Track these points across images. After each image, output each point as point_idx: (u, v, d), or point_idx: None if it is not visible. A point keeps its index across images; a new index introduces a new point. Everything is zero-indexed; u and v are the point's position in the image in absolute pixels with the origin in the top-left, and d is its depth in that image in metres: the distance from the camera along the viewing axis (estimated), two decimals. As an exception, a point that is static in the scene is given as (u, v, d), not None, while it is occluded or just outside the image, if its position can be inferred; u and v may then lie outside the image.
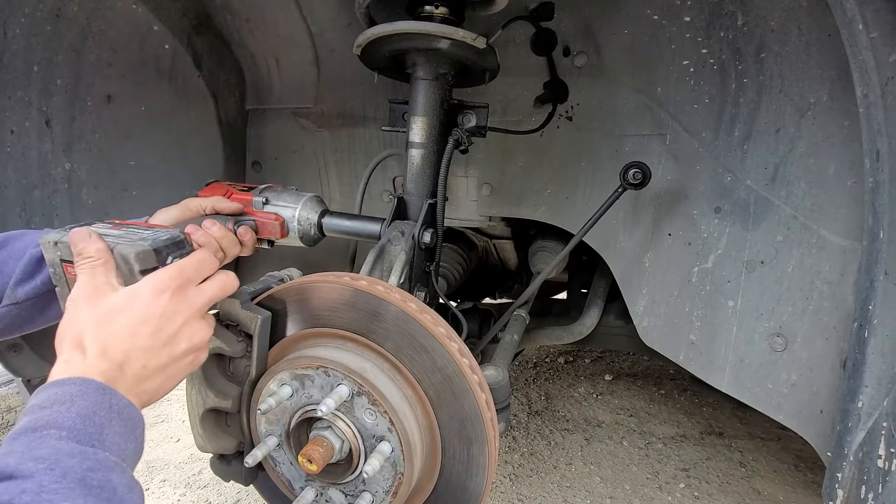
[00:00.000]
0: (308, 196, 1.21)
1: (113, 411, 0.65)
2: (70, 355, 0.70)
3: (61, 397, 0.63)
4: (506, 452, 2.49)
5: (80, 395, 0.63)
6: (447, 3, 1.22)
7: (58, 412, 0.61)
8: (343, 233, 1.27)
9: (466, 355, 0.92)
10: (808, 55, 1.17)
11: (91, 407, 0.63)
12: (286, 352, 0.99)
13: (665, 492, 2.23)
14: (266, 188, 1.22)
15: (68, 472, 0.55)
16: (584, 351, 3.73)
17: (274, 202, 1.17)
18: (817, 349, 1.20)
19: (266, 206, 1.17)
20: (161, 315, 0.75)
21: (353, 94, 1.73)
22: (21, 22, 1.28)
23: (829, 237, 1.18)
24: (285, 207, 1.17)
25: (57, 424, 0.60)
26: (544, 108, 1.53)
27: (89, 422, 0.62)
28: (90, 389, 0.65)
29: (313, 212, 1.17)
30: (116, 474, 0.60)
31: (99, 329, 0.71)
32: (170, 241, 0.82)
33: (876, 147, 0.91)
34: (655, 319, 1.46)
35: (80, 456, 0.58)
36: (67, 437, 0.59)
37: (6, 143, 1.32)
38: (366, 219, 1.27)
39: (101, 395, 0.65)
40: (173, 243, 0.83)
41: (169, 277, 0.77)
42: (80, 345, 0.70)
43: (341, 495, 0.95)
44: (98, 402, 0.64)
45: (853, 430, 0.97)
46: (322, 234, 1.27)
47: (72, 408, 0.62)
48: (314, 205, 1.21)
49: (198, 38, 1.65)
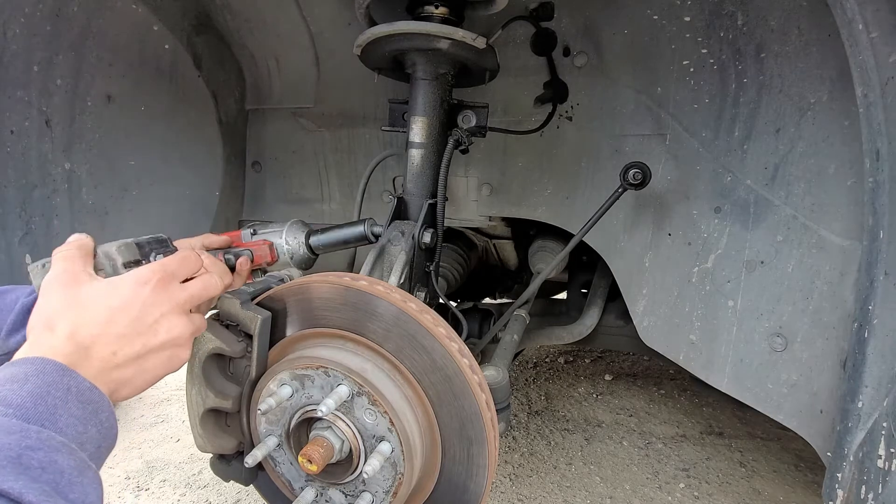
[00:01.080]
0: (292, 221, 1.26)
1: (70, 393, 0.64)
2: (37, 336, 0.69)
3: (17, 375, 0.61)
4: (506, 452, 2.49)
5: (35, 374, 0.62)
6: (447, 3, 1.22)
7: (10, 390, 0.59)
8: (333, 245, 1.30)
9: (466, 355, 0.92)
10: (808, 55, 1.17)
11: (45, 387, 0.62)
12: (286, 352, 0.99)
13: (665, 492, 2.23)
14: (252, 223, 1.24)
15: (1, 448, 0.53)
16: (584, 351, 3.73)
17: (261, 231, 1.22)
18: (817, 349, 1.20)
19: (254, 237, 1.20)
20: (140, 304, 0.74)
21: (353, 94, 1.73)
22: (21, 22, 1.28)
23: (829, 237, 1.18)
24: (272, 233, 1.21)
25: (5, 402, 0.58)
26: (544, 108, 1.53)
27: (41, 401, 0.60)
28: (49, 369, 0.63)
29: (300, 232, 1.21)
30: (63, 455, 0.58)
31: (71, 312, 0.70)
32: (153, 238, 0.84)
33: (876, 147, 0.91)
34: (655, 319, 1.46)
35: (19, 434, 0.56)
36: (13, 415, 0.58)
37: (6, 143, 1.32)
38: (347, 225, 1.29)
39: (59, 376, 0.64)
40: (156, 241, 0.84)
41: (151, 271, 0.77)
42: (50, 327, 0.69)
43: (341, 495, 0.95)
44: (55, 382, 0.63)
45: (853, 430, 0.97)
46: (314, 254, 1.30)
47: (24, 386, 0.60)
48: (299, 227, 1.24)
49: (198, 38, 1.65)
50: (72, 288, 0.73)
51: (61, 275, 0.74)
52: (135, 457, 2.48)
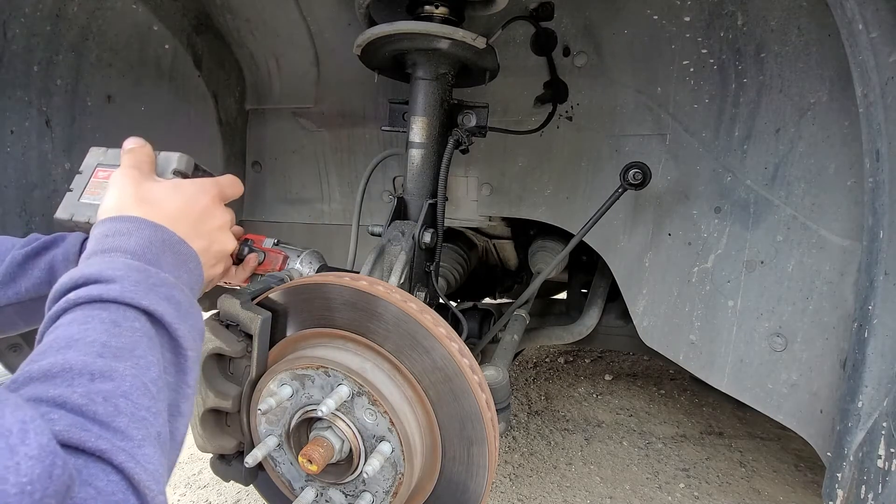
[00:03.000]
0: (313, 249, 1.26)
1: (166, 244, 0.72)
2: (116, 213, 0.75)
3: (121, 230, 0.70)
4: (506, 452, 2.49)
5: (136, 229, 0.71)
6: (447, 3, 1.22)
7: (120, 240, 0.69)
8: None
9: (466, 355, 0.92)
10: (808, 55, 1.17)
11: (147, 238, 0.70)
12: (286, 352, 0.99)
13: (665, 492, 2.23)
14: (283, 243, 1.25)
15: (140, 281, 0.63)
16: (584, 351, 3.73)
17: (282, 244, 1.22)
18: (817, 349, 1.20)
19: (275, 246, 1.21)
20: (201, 211, 0.83)
21: (353, 94, 1.73)
22: (21, 22, 1.28)
23: (829, 237, 1.18)
24: (291, 250, 1.21)
25: (122, 249, 0.68)
26: (544, 108, 1.53)
27: (147, 250, 0.69)
28: (144, 225, 0.72)
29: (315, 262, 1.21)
30: (177, 291, 0.67)
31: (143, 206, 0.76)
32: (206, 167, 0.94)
33: (876, 147, 0.91)
34: (655, 319, 1.46)
35: (145, 272, 0.65)
36: (132, 258, 0.67)
37: (6, 143, 1.32)
38: None
39: (153, 230, 0.72)
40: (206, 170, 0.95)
41: (211, 184, 0.86)
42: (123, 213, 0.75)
43: (341, 495, 0.95)
44: (152, 234, 0.71)
45: (853, 430, 0.97)
46: None
47: (131, 238, 0.69)
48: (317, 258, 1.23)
49: (198, 38, 1.65)
50: (140, 186, 0.79)
51: (129, 171, 0.81)
52: (135, 457, 2.47)
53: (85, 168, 0.95)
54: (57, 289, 0.62)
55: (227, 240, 0.88)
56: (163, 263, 0.70)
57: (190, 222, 0.80)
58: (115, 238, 0.69)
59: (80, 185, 0.94)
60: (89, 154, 0.95)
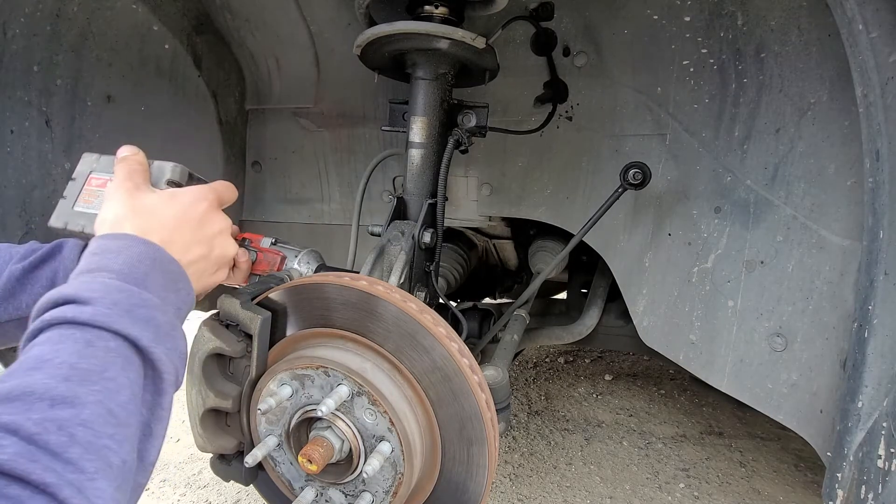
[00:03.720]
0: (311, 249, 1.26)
1: (156, 263, 0.72)
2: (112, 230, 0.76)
3: (110, 248, 0.71)
4: (506, 452, 2.49)
5: (125, 247, 0.71)
6: (447, 3, 1.22)
7: (108, 258, 0.69)
8: None
9: (466, 355, 0.92)
10: (808, 55, 1.17)
11: (136, 256, 0.70)
12: (286, 352, 0.99)
13: (665, 492, 2.23)
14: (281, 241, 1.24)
15: (118, 302, 0.63)
16: (584, 351, 3.73)
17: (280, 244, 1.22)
18: (817, 349, 1.20)
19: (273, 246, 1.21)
20: (200, 218, 0.82)
21: (353, 94, 1.73)
22: (21, 22, 1.28)
23: (829, 237, 1.18)
24: (289, 250, 1.21)
25: (108, 268, 0.67)
26: (544, 108, 1.53)
27: (134, 269, 0.69)
28: (135, 243, 0.72)
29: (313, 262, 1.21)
30: (159, 313, 0.67)
31: (138, 218, 0.77)
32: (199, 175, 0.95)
33: (876, 147, 0.91)
34: (655, 319, 1.46)
35: (126, 293, 0.65)
36: (115, 278, 0.67)
37: (6, 143, 1.32)
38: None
39: (145, 247, 0.72)
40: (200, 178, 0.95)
41: (207, 190, 0.86)
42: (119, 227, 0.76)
43: (341, 495, 0.95)
44: (142, 252, 0.71)
45: (853, 430, 0.97)
46: None
47: (119, 257, 0.69)
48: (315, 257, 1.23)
49: (198, 38, 1.65)
50: (136, 198, 0.79)
51: (125, 182, 0.81)
52: (135, 457, 2.47)
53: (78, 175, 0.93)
54: (38, 306, 0.63)
55: (228, 244, 0.88)
56: (149, 283, 0.69)
57: (189, 230, 0.80)
58: (102, 256, 0.69)
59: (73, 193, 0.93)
60: (82, 160, 0.95)
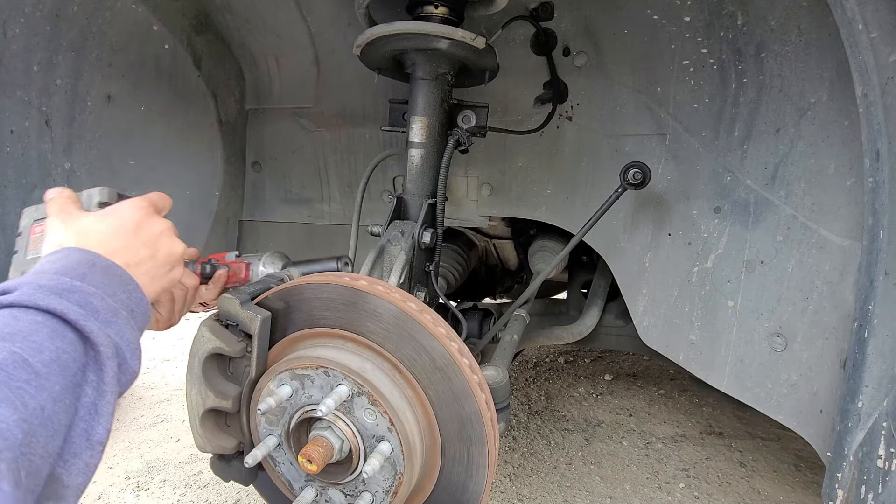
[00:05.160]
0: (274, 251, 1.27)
1: (96, 267, 0.73)
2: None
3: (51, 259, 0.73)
4: (506, 452, 2.49)
5: (64, 256, 0.73)
6: (447, 3, 1.22)
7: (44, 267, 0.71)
8: None
9: (466, 355, 0.92)
10: (808, 55, 1.17)
11: (74, 262, 0.72)
12: (286, 352, 0.99)
13: (665, 492, 2.23)
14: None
15: (45, 286, 0.65)
16: (584, 351, 3.73)
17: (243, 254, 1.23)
18: (817, 349, 1.20)
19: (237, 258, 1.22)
20: (137, 223, 0.83)
21: (353, 93, 1.73)
22: (21, 22, 1.27)
23: (829, 237, 1.18)
24: (252, 257, 1.23)
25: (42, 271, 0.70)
26: (544, 108, 1.53)
27: (72, 270, 0.70)
28: (72, 251, 0.74)
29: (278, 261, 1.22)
30: (97, 299, 0.68)
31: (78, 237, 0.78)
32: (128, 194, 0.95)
33: (876, 147, 0.91)
34: (655, 319, 1.46)
35: (56, 280, 0.67)
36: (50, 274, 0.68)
37: (6, 143, 1.31)
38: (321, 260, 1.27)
39: (83, 255, 0.74)
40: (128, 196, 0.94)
41: (140, 199, 0.87)
42: None
43: (341, 495, 0.95)
44: (80, 258, 0.73)
45: (853, 430, 0.97)
46: None
47: (56, 263, 0.71)
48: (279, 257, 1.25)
49: (198, 38, 1.65)
50: (71, 222, 0.81)
51: (59, 213, 0.83)
52: (135, 457, 2.48)
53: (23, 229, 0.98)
54: None
55: (173, 243, 0.88)
56: (89, 281, 0.70)
57: (127, 235, 0.81)
58: (41, 266, 0.71)
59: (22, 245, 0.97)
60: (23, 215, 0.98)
